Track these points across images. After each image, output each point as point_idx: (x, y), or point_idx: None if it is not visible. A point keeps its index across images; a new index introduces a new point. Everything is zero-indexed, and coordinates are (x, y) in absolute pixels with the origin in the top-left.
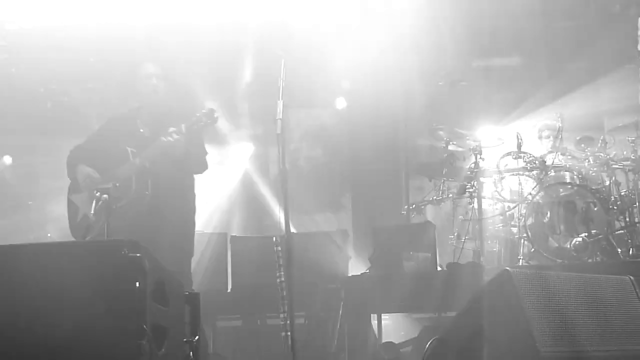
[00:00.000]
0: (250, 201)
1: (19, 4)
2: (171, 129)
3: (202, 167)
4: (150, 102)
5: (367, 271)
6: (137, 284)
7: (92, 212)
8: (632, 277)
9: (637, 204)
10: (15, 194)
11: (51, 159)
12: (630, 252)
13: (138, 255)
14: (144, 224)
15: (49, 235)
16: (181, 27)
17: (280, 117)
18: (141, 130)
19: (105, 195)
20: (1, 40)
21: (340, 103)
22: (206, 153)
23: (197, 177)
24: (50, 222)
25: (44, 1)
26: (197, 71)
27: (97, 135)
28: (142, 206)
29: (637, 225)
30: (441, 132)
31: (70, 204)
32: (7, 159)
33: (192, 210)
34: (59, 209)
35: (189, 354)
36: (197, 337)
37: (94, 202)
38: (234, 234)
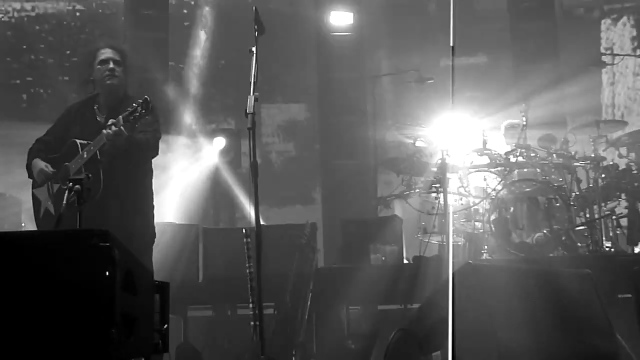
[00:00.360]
0: (221, 194)
1: None
2: (110, 121)
3: (151, 153)
4: (105, 87)
5: (335, 264)
6: (107, 273)
7: (65, 202)
8: (589, 271)
9: (597, 200)
10: None
11: (26, 150)
12: (590, 247)
13: (108, 244)
14: (98, 216)
15: (22, 224)
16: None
17: (252, 111)
18: (98, 118)
19: (77, 186)
20: None
21: (312, 99)
22: (157, 138)
23: (170, 171)
24: (25, 212)
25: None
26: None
27: (55, 127)
28: (95, 199)
29: (597, 221)
30: (409, 129)
31: (34, 198)
32: None
33: (150, 197)
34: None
35: (159, 342)
36: (166, 326)
37: (66, 192)
38: (205, 226)
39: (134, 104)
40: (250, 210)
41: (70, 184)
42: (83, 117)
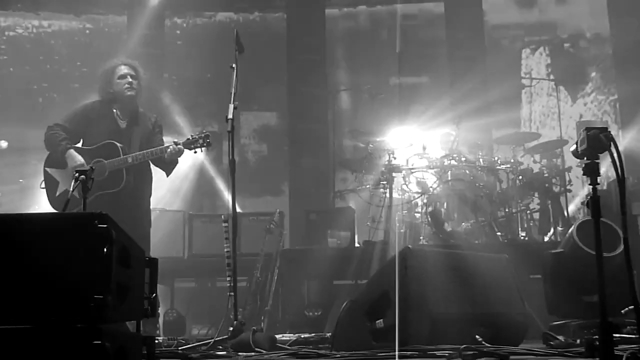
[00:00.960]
0: (205, 185)
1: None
2: (175, 142)
3: (171, 171)
4: (125, 98)
5: (298, 246)
6: (105, 249)
7: (71, 191)
8: (507, 256)
9: (515, 197)
10: (9, 173)
11: (40, 146)
12: (508, 236)
13: (106, 226)
14: (115, 211)
15: (36, 207)
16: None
17: (231, 117)
18: (120, 124)
19: (82, 177)
20: (3, 45)
21: (282, 108)
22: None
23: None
24: (39, 200)
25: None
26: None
27: (74, 118)
28: (115, 196)
29: (514, 214)
30: (363, 135)
31: (48, 176)
32: (4, 143)
33: (150, 196)
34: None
35: (148, 308)
36: (154, 295)
37: (73, 181)
38: (190, 212)
39: (198, 134)
40: (228, 199)
41: (77, 174)
42: (104, 118)
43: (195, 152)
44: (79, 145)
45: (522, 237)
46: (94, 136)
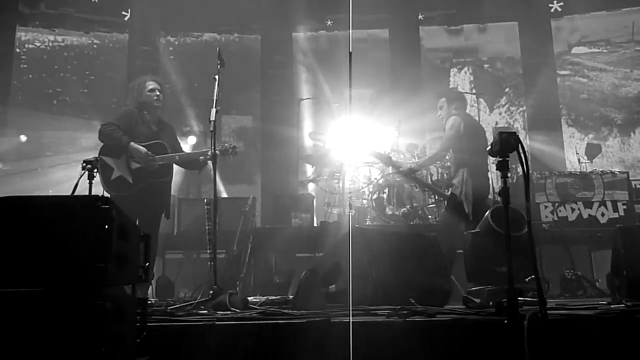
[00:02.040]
0: (192, 175)
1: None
2: (205, 150)
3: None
4: (153, 108)
5: (268, 225)
6: (106, 226)
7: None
8: (436, 234)
9: (442, 186)
10: (27, 163)
11: (54, 140)
12: (437, 218)
13: (108, 206)
14: (160, 194)
15: (50, 191)
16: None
17: (213, 119)
18: (153, 128)
19: (89, 166)
20: (22, 55)
21: (256, 113)
22: None
23: None
24: (52, 184)
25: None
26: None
27: (121, 120)
28: (162, 183)
29: (441, 201)
30: (321, 136)
31: (103, 163)
32: (23, 137)
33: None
34: (58, 176)
35: (142, 274)
36: (147, 264)
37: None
38: (180, 197)
39: (229, 145)
40: (211, 187)
41: (84, 163)
42: (142, 123)
43: (229, 157)
44: None
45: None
46: (135, 136)
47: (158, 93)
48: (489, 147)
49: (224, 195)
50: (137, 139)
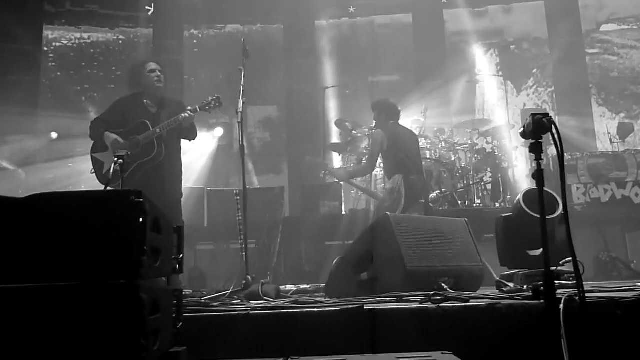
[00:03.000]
0: (220, 166)
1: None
2: (188, 108)
3: (195, 135)
4: (154, 89)
5: (296, 214)
6: (140, 219)
7: (111, 172)
8: (466, 220)
9: (472, 172)
10: (59, 158)
11: (84, 135)
12: (466, 203)
13: (141, 200)
14: (151, 178)
15: (82, 187)
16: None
17: (241, 110)
18: (150, 109)
19: (120, 161)
20: (50, 53)
21: (281, 103)
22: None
23: (188, 149)
24: (84, 180)
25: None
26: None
27: (111, 112)
28: (151, 164)
29: (471, 186)
30: (347, 124)
31: (95, 160)
32: (54, 134)
33: (181, 165)
34: (89, 170)
35: (176, 266)
36: (181, 255)
37: (112, 164)
38: (209, 188)
39: (210, 98)
40: (239, 178)
41: (115, 158)
42: (137, 107)
43: (209, 112)
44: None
45: (477, 204)
46: (130, 122)
47: (159, 73)
48: (521, 129)
49: (256, 185)
50: (131, 125)
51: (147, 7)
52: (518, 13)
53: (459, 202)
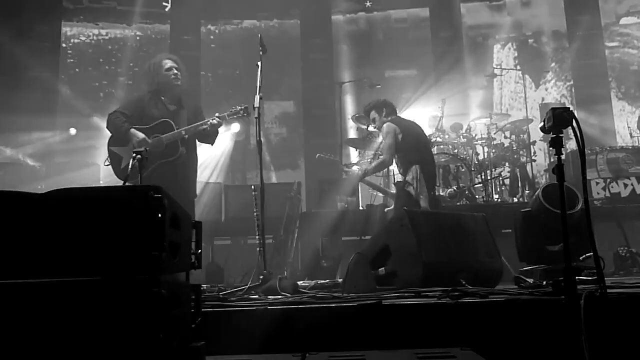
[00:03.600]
0: (237, 162)
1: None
2: (217, 114)
3: (214, 141)
4: (172, 87)
5: (313, 209)
6: (159, 215)
7: (130, 167)
8: (484, 215)
9: (489, 167)
10: (78, 154)
11: (102, 131)
12: (484, 198)
13: (160, 195)
14: (170, 176)
15: (101, 182)
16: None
17: (257, 106)
18: (169, 107)
19: (138, 156)
20: (69, 50)
21: (298, 98)
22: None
23: (202, 145)
24: (103, 176)
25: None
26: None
27: (130, 105)
28: (171, 164)
29: (489, 181)
30: (363, 119)
31: (112, 153)
32: (73, 131)
33: (196, 165)
34: (108, 167)
35: (194, 261)
36: (199, 251)
37: (131, 160)
38: (226, 183)
39: (238, 107)
40: (256, 173)
41: (134, 154)
42: (157, 104)
43: (236, 120)
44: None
45: (495, 199)
46: (149, 120)
47: (176, 71)
48: (541, 123)
49: (273, 180)
50: (149, 122)
51: (164, 3)
52: (536, 6)
53: (477, 197)
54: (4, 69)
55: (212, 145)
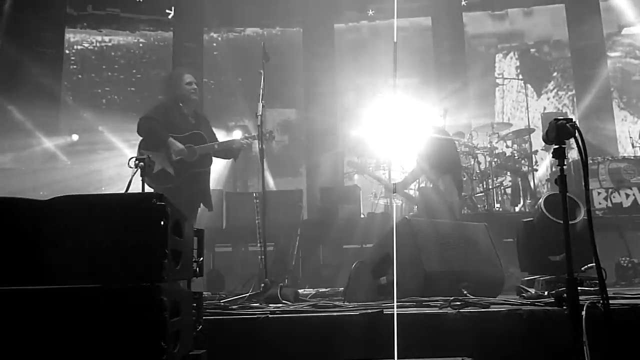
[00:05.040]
0: (239, 169)
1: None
2: (246, 135)
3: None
4: (190, 101)
5: (314, 217)
6: (162, 222)
7: (132, 174)
8: (486, 224)
9: (491, 176)
10: (79, 160)
11: (105, 138)
12: (486, 207)
13: (163, 203)
14: (199, 186)
15: (103, 189)
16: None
17: (260, 113)
18: (190, 119)
19: (141, 164)
20: (72, 56)
21: (300, 106)
22: None
23: None
24: (105, 183)
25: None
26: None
27: (158, 111)
28: (199, 174)
29: (490, 190)
30: (365, 127)
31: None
32: (75, 136)
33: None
34: (110, 173)
35: (196, 269)
36: (201, 258)
37: (134, 167)
38: (227, 190)
39: (266, 131)
40: (258, 180)
41: (137, 161)
42: (177, 114)
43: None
44: None
45: (497, 209)
46: (174, 128)
47: (195, 86)
48: (544, 134)
49: (273, 188)
50: (176, 131)
51: (167, 11)
52: (538, 16)
53: (479, 206)
54: (8, 75)
55: (235, 161)
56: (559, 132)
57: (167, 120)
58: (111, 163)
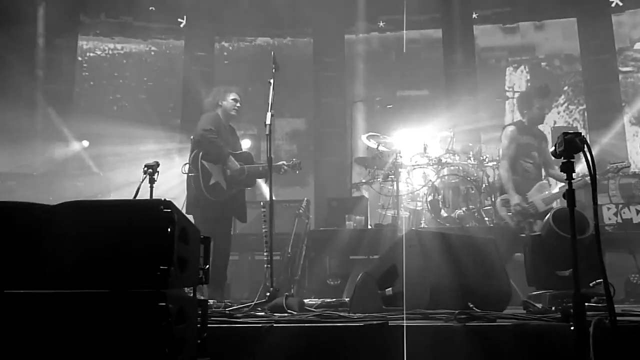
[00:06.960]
0: None
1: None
2: (284, 162)
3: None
4: (230, 115)
5: (322, 227)
6: (169, 229)
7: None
8: (494, 237)
9: (499, 189)
10: (89, 167)
11: (114, 144)
12: (493, 221)
13: (170, 210)
14: (241, 202)
15: (111, 195)
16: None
17: (269, 122)
18: (236, 134)
19: (150, 170)
20: (84, 63)
21: (309, 115)
22: None
23: None
24: (114, 188)
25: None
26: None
27: (215, 126)
28: (242, 191)
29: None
30: (374, 138)
31: (204, 168)
32: (85, 143)
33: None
34: (119, 180)
35: (202, 277)
36: (207, 266)
37: (143, 174)
38: None
39: (297, 161)
40: (265, 190)
41: (146, 168)
42: (225, 129)
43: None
44: None
45: (505, 222)
46: (226, 144)
47: (238, 104)
48: (552, 148)
49: (278, 197)
50: (230, 148)
51: (179, 20)
52: (549, 30)
53: (486, 219)
54: (19, 81)
55: (265, 182)
56: (567, 146)
57: (219, 133)
58: (121, 169)
